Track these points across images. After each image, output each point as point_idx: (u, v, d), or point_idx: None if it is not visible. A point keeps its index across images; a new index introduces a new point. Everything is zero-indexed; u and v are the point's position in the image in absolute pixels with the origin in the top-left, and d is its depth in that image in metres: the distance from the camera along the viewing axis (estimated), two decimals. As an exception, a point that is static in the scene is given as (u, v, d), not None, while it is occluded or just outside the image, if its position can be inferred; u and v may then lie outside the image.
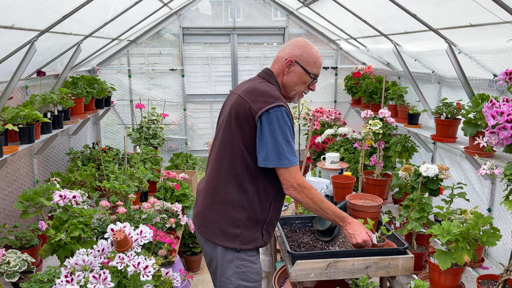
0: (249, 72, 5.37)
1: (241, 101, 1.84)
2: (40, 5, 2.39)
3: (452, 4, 2.42)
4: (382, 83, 3.97)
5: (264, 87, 1.88)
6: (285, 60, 1.95)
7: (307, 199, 1.85)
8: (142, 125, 4.50)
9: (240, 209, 1.88)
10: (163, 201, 3.14)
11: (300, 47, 1.96)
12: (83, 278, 1.66)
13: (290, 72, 1.96)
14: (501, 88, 2.69)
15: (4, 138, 2.48)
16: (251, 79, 2.03)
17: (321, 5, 4.23)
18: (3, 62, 2.62)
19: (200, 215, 1.98)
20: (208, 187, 1.96)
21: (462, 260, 1.90)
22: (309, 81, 1.99)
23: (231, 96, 2.01)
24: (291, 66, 1.95)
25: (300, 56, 1.94)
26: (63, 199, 2.11)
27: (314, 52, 1.97)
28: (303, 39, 2.02)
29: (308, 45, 1.98)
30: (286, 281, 2.54)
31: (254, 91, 1.85)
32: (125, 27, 4.28)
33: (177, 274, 2.10)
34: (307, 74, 1.96)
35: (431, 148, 3.75)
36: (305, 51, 1.95)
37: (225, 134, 1.90)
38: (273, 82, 1.96)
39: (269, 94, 1.82)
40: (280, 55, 1.99)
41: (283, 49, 2.00)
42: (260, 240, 1.93)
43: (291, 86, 1.99)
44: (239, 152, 1.85)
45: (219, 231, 1.89)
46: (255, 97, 1.82)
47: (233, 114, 1.85)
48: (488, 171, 1.92)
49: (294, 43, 1.98)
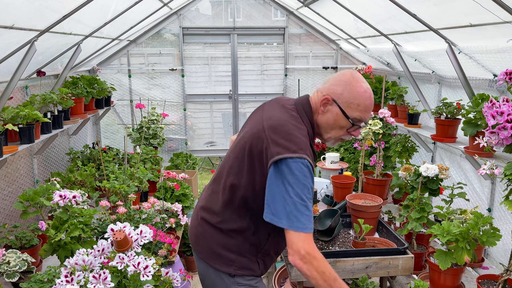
0: (249, 72, 5.37)
1: (261, 135, 1.57)
2: (40, 5, 2.39)
3: (452, 4, 2.42)
4: (382, 83, 3.97)
5: (293, 128, 1.56)
6: (322, 96, 1.64)
7: (316, 273, 1.46)
8: (142, 125, 4.50)
9: (236, 236, 1.70)
10: (163, 201, 3.14)
11: (344, 83, 1.61)
12: (83, 278, 1.66)
13: (326, 112, 1.64)
14: (501, 88, 2.69)
15: (4, 138, 2.48)
16: (286, 106, 1.69)
17: (321, 5, 4.23)
18: (3, 62, 2.62)
19: (194, 231, 1.81)
20: (206, 207, 1.79)
21: (462, 260, 1.90)
22: (347, 126, 1.65)
23: (259, 113, 1.74)
24: (327, 105, 1.63)
25: (340, 95, 1.61)
26: (63, 199, 2.11)
27: (360, 91, 1.60)
28: (352, 72, 1.65)
29: (355, 81, 1.61)
30: (286, 281, 2.54)
31: (279, 130, 1.55)
32: (125, 27, 4.28)
33: (177, 274, 2.10)
34: (346, 118, 1.62)
35: (431, 148, 3.75)
36: (347, 89, 1.60)
37: (236, 162, 1.66)
38: (305, 122, 1.64)
39: (295, 140, 1.51)
40: (321, 88, 1.69)
41: (327, 80, 1.69)
42: (257, 270, 1.73)
43: (325, 128, 1.68)
44: (244, 189, 1.63)
45: (212, 253, 1.72)
46: (278, 137, 1.53)
47: (248, 146, 1.61)
48: (488, 171, 1.92)
49: (339, 77, 1.65)
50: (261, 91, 5.43)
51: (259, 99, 5.44)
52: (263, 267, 1.77)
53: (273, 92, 5.43)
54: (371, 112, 3.16)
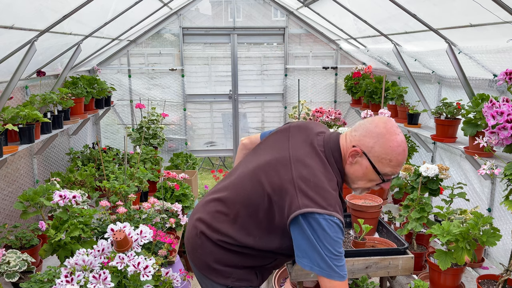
0: (249, 72, 5.37)
1: (289, 180, 1.46)
2: (40, 5, 2.39)
3: (452, 4, 2.42)
4: (382, 83, 3.97)
5: (324, 179, 1.47)
6: (352, 147, 1.52)
7: None
8: (142, 125, 4.50)
9: (236, 255, 1.64)
10: (163, 201, 3.14)
11: (376, 136, 1.48)
12: (83, 278, 1.66)
13: (355, 163, 1.53)
14: (501, 88, 2.69)
15: (4, 138, 2.48)
16: (314, 145, 1.56)
17: (321, 5, 4.23)
18: (3, 62, 2.62)
19: (191, 242, 1.72)
20: (211, 221, 1.67)
21: (462, 260, 1.90)
22: (377, 181, 1.54)
23: (285, 141, 1.62)
24: (356, 157, 1.52)
25: (371, 149, 1.49)
26: (63, 199, 2.11)
27: (393, 145, 1.47)
28: (385, 122, 1.50)
29: (388, 133, 1.48)
30: (286, 281, 2.54)
31: (310, 180, 1.45)
32: (125, 27, 4.28)
33: (177, 274, 2.10)
34: (376, 173, 1.51)
35: (431, 148, 3.75)
36: (380, 143, 1.48)
37: (253, 194, 1.55)
38: (335, 172, 1.54)
39: (325, 194, 1.43)
40: (350, 136, 1.55)
41: (356, 128, 1.55)
42: (255, 281, 1.69)
43: (352, 179, 1.58)
44: (258, 222, 1.55)
45: (208, 266, 1.66)
46: (307, 188, 1.43)
47: (271, 185, 1.50)
48: (488, 171, 1.92)
49: (371, 127, 1.50)
50: (261, 91, 5.43)
51: (259, 99, 5.44)
52: (260, 278, 1.74)
53: (273, 92, 5.43)
54: (370, 111, 3.13)
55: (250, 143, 1.98)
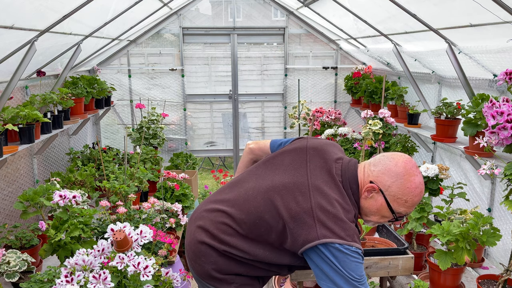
0: (249, 72, 5.37)
1: (307, 210, 1.44)
2: (40, 5, 2.39)
3: (452, 4, 2.42)
4: (382, 83, 3.97)
5: (342, 211, 1.46)
6: (369, 182, 1.51)
7: None
8: (142, 125, 4.50)
9: (240, 264, 1.63)
10: (163, 201, 3.14)
11: (394, 175, 1.47)
12: (83, 278, 1.66)
13: (370, 198, 1.52)
14: (501, 88, 2.69)
15: (4, 138, 2.48)
16: (332, 173, 1.54)
17: (321, 5, 4.23)
18: (3, 62, 2.62)
19: (193, 249, 1.68)
20: (217, 232, 1.62)
21: (462, 260, 1.90)
22: (390, 218, 1.55)
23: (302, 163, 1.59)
24: (372, 192, 1.51)
25: (389, 187, 1.48)
26: (63, 199, 2.11)
27: (411, 187, 1.46)
28: (406, 161, 1.48)
29: (407, 174, 1.46)
30: (286, 281, 2.54)
31: (329, 211, 1.44)
32: (125, 27, 4.28)
33: (177, 274, 2.10)
34: (390, 211, 1.51)
35: (431, 148, 3.75)
36: (397, 183, 1.47)
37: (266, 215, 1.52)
38: (352, 203, 1.53)
39: (343, 225, 1.42)
40: (367, 171, 1.54)
41: (375, 163, 1.53)
42: (257, 286, 1.70)
43: (366, 213, 1.58)
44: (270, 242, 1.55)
45: (210, 275, 1.64)
46: (325, 218, 1.42)
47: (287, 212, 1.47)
48: (488, 171, 1.92)
49: (391, 166, 1.49)
50: (261, 91, 5.43)
51: (259, 99, 5.45)
52: (262, 283, 1.75)
53: (273, 92, 5.43)
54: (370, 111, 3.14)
55: (258, 149, 1.93)
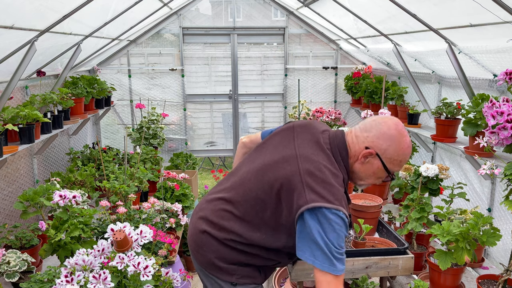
0: (249, 72, 5.37)
1: (296, 177, 1.49)
2: (40, 5, 2.39)
3: (452, 4, 2.42)
4: (382, 83, 3.97)
5: (330, 175, 1.50)
6: (364, 148, 1.57)
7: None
8: (142, 125, 4.50)
9: (241, 253, 1.66)
10: (163, 201, 3.14)
11: (389, 139, 1.54)
12: (83, 278, 1.66)
13: (366, 162, 1.59)
14: (501, 88, 2.69)
15: (4, 138, 2.48)
16: (320, 142, 1.60)
17: (321, 5, 4.23)
18: (3, 62, 2.62)
19: (195, 238, 1.73)
20: (217, 220, 1.68)
21: (462, 260, 1.90)
22: (384, 178, 1.63)
23: (290, 141, 1.65)
24: (369, 157, 1.57)
25: (385, 151, 1.55)
26: (63, 199, 2.11)
27: (404, 147, 1.55)
28: (396, 124, 1.57)
29: (400, 136, 1.55)
30: (286, 281, 2.54)
31: (317, 175, 1.49)
32: (125, 27, 4.28)
33: (177, 274, 2.10)
34: (386, 172, 1.59)
35: (431, 148, 3.75)
36: (393, 146, 1.54)
37: (260, 192, 1.58)
38: (342, 169, 1.58)
39: (331, 189, 1.47)
40: (360, 137, 1.59)
41: (366, 128, 1.59)
42: (258, 278, 1.72)
43: (361, 178, 1.65)
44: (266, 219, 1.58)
45: (214, 264, 1.68)
46: (314, 183, 1.47)
47: (279, 183, 1.53)
48: (488, 171, 1.92)
49: (382, 129, 1.56)
50: (261, 91, 5.43)
51: (259, 99, 5.45)
52: (263, 276, 1.76)
53: (273, 92, 5.43)
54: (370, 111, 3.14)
55: (250, 142, 1.98)
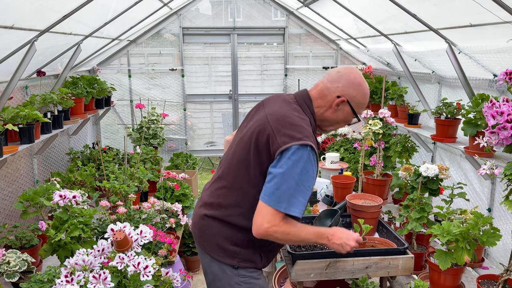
0: (249, 72, 5.37)
1: (267, 128, 1.66)
2: (40, 5, 2.39)
3: (452, 4, 2.42)
4: (382, 83, 3.97)
5: (297, 118, 1.68)
6: (337, 97, 1.74)
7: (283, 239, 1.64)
8: (142, 125, 4.50)
9: (242, 231, 1.75)
10: (163, 201, 3.14)
11: (356, 87, 1.75)
12: (83, 278, 1.66)
13: (338, 110, 1.77)
14: (501, 88, 2.69)
15: (4, 138, 2.48)
16: (286, 99, 1.80)
17: (321, 5, 4.23)
18: (3, 62, 2.62)
19: (198, 226, 1.86)
20: (212, 202, 1.82)
21: (462, 260, 1.90)
22: (351, 121, 1.84)
23: (260, 110, 1.82)
24: (340, 105, 1.76)
25: (354, 97, 1.75)
26: (63, 199, 2.11)
27: (366, 92, 1.79)
28: (358, 73, 1.79)
29: (363, 83, 1.77)
30: (286, 281, 2.54)
31: (284, 120, 1.65)
32: (125, 27, 4.28)
33: (177, 274, 2.10)
34: (354, 116, 1.81)
35: (431, 148, 3.75)
36: (360, 92, 1.75)
37: (242, 155, 1.73)
38: (308, 114, 1.76)
39: (299, 129, 1.62)
40: (331, 88, 1.76)
41: (334, 80, 1.77)
42: (259, 263, 1.82)
43: (332, 123, 1.83)
44: (253, 181, 1.70)
45: (217, 246, 1.79)
46: (283, 128, 1.63)
47: (254, 137, 1.69)
48: (488, 171, 1.92)
49: (350, 79, 1.75)
50: (261, 91, 5.43)
51: (259, 99, 5.44)
52: (265, 260, 1.85)
53: (273, 92, 5.43)
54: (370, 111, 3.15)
55: (231, 136, 2.11)
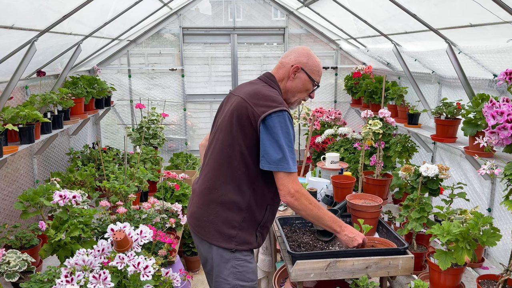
0: (249, 72, 5.37)
1: (243, 104, 1.85)
2: (40, 5, 2.39)
3: (452, 4, 2.42)
4: (382, 83, 3.97)
5: (267, 91, 1.90)
6: (291, 66, 1.99)
7: (307, 203, 1.85)
8: (142, 125, 4.50)
9: (237, 211, 1.89)
10: (163, 201, 3.14)
11: (306, 55, 2.01)
12: (83, 278, 1.66)
13: (296, 78, 2.01)
14: (501, 88, 2.69)
15: (4, 138, 2.48)
16: (253, 82, 2.06)
17: (321, 5, 4.23)
18: (3, 62, 2.62)
19: (196, 215, 1.98)
20: (205, 187, 1.96)
21: (462, 260, 1.90)
22: (311, 89, 2.06)
23: (231, 97, 2.02)
24: (296, 73, 2.00)
25: (306, 64, 2.00)
26: (63, 199, 2.11)
27: (317, 61, 2.04)
28: (307, 47, 2.07)
29: (312, 54, 2.04)
30: (286, 281, 2.54)
31: (257, 94, 1.87)
32: (125, 27, 4.28)
33: (177, 274, 2.10)
34: (311, 81, 2.02)
35: (431, 148, 3.75)
36: (310, 60, 2.01)
37: (225, 135, 1.90)
38: (275, 87, 1.99)
39: (272, 98, 1.84)
40: (285, 61, 2.03)
41: (287, 55, 2.04)
42: (254, 242, 1.96)
43: (294, 92, 2.04)
44: (239, 154, 1.86)
45: (215, 231, 1.90)
46: (258, 100, 1.84)
47: (235, 116, 1.86)
48: (488, 171, 1.92)
49: (300, 51, 2.02)
50: (261, 91, 5.43)
51: (259, 99, 5.44)
52: (260, 239, 2.01)
53: (273, 92, 5.42)
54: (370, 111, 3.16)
55: (205, 140, 2.26)
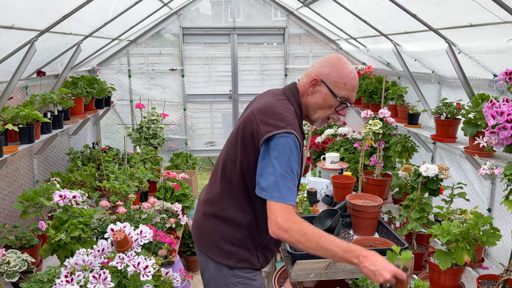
0: (249, 72, 5.37)
1: (251, 119, 1.67)
2: (40, 5, 2.39)
3: (452, 4, 2.42)
4: (382, 83, 3.97)
5: (281, 108, 1.67)
6: (311, 78, 1.73)
7: (299, 236, 1.48)
8: (142, 125, 4.50)
9: (237, 228, 1.75)
10: (163, 201, 3.14)
11: (330, 65, 1.72)
12: (83, 278, 1.66)
13: (315, 92, 1.74)
14: (501, 88, 2.69)
15: (4, 138, 2.48)
16: (275, 92, 1.82)
17: (321, 5, 4.23)
18: (3, 62, 2.62)
19: (196, 224, 1.89)
20: (208, 198, 1.85)
21: (462, 260, 1.90)
22: (335, 105, 1.74)
23: (250, 106, 1.85)
24: (316, 86, 1.73)
25: (328, 75, 1.71)
26: (63, 199, 2.11)
27: (346, 71, 1.71)
28: (338, 55, 1.77)
29: (341, 62, 1.73)
30: (286, 281, 2.54)
31: (268, 110, 1.65)
32: (125, 27, 4.28)
33: (177, 274, 2.10)
34: (334, 97, 1.71)
35: (431, 148, 3.75)
36: (334, 70, 1.71)
37: (231, 148, 1.77)
38: (293, 103, 1.74)
39: (282, 117, 1.61)
40: (308, 72, 1.79)
41: (314, 64, 1.80)
42: (256, 263, 1.79)
43: (314, 109, 1.77)
44: (240, 173, 1.71)
45: (213, 246, 1.78)
46: (266, 118, 1.62)
47: (241, 130, 1.71)
48: (488, 171, 1.92)
49: (325, 60, 1.75)
50: (261, 91, 5.39)
51: (259, 99, 5.44)
52: (263, 260, 1.82)
53: (273, 92, 5.42)
54: (370, 111, 3.15)
55: None
